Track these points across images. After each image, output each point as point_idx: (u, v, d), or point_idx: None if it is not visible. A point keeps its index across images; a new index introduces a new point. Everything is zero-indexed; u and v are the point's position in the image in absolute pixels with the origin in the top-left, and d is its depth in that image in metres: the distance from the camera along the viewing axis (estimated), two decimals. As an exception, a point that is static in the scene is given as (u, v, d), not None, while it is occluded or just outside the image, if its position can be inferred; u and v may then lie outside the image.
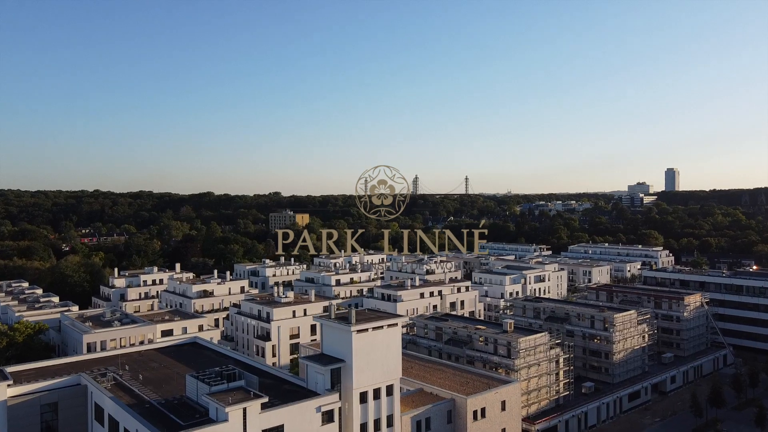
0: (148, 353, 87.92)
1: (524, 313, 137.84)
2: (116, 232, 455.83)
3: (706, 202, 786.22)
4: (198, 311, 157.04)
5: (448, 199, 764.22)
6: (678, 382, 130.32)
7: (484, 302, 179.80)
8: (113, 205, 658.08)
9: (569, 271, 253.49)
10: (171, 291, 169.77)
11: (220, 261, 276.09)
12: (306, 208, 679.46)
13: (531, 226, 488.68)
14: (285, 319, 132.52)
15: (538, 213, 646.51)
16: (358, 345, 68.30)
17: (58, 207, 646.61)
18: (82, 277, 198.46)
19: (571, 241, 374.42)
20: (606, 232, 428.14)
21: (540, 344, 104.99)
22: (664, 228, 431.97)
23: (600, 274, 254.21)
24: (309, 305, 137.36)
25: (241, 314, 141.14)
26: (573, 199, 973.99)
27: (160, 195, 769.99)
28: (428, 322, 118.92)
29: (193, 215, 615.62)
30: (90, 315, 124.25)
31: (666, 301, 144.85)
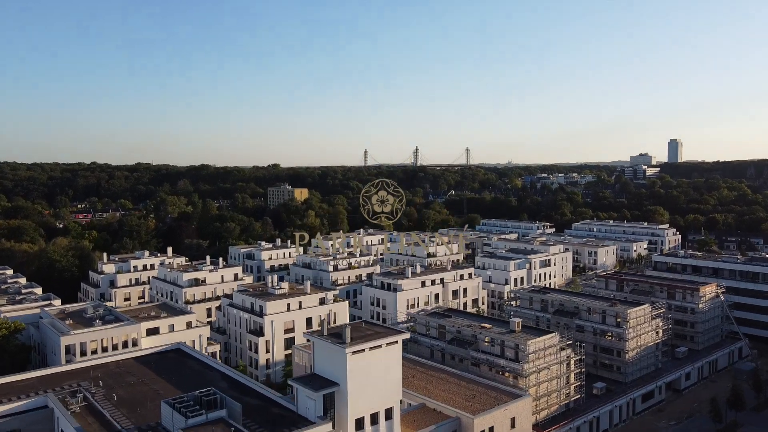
0: (126, 363, 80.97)
1: (531, 305, 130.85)
2: (111, 207, 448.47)
3: (710, 174, 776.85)
4: (189, 301, 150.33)
5: (449, 172, 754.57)
6: (693, 379, 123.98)
7: (488, 289, 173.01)
8: (110, 178, 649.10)
9: (574, 251, 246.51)
10: (161, 278, 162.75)
11: (215, 241, 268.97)
12: (305, 181, 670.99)
13: (533, 201, 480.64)
14: (279, 313, 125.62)
15: (540, 186, 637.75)
16: (353, 367, 61.16)
17: (54, 181, 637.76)
18: (70, 262, 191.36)
19: (574, 217, 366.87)
20: (610, 207, 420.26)
21: (550, 346, 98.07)
22: (669, 203, 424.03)
23: (606, 254, 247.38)
24: (304, 297, 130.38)
25: (233, 306, 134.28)
26: (575, 171, 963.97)
27: (158, 168, 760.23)
28: (430, 319, 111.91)
29: (191, 189, 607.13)
30: (72, 310, 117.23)
31: (680, 291, 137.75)
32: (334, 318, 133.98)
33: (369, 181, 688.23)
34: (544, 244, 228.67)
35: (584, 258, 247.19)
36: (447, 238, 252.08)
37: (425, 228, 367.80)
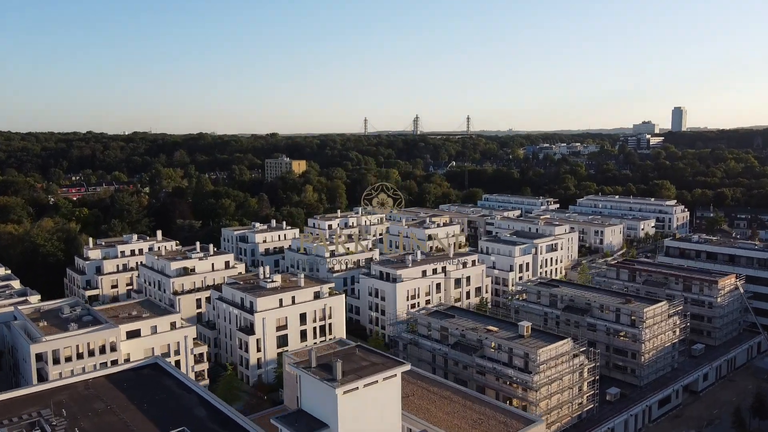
0: (97, 383, 73.14)
1: (539, 299, 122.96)
2: (105, 180, 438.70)
3: (715, 144, 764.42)
4: (177, 291, 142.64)
5: (450, 141, 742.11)
6: (710, 379, 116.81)
7: (492, 275, 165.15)
8: (105, 149, 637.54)
9: (580, 231, 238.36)
10: (149, 266, 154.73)
11: (209, 220, 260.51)
12: (303, 152, 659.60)
13: (536, 173, 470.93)
14: (270, 310, 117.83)
15: (543, 157, 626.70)
16: (345, 408, 53.26)
17: (48, 152, 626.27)
18: (55, 246, 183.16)
19: (578, 191, 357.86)
20: (615, 180, 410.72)
21: (562, 354, 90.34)
22: (675, 176, 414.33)
23: (612, 234, 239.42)
24: (298, 292, 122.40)
25: (222, 301, 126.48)
26: (577, 140, 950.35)
27: (154, 138, 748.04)
28: (432, 320, 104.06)
29: (187, 160, 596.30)
30: (48, 309, 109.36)
31: (697, 284, 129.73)
32: (330, 313, 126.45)
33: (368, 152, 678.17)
34: (549, 224, 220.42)
35: (590, 238, 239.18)
36: (448, 217, 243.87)
37: (425, 203, 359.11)
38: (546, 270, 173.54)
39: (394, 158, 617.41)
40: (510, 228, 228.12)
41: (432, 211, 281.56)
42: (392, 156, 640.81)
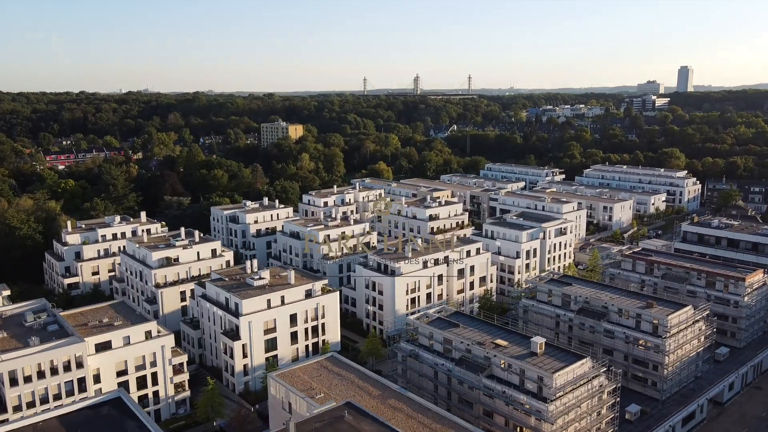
0: (48, 426, 63.36)
1: (550, 299, 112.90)
2: (96, 146, 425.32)
3: (722, 105, 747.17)
4: (160, 284, 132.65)
5: (450, 103, 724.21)
6: (736, 388, 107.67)
7: (497, 262, 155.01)
8: (97, 111, 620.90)
9: (588, 206, 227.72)
10: (130, 254, 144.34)
11: (199, 195, 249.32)
12: (301, 114, 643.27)
13: (539, 138, 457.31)
14: (257, 312, 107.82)
15: (546, 120, 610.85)
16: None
17: (38, 114, 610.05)
18: (33, 228, 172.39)
19: (584, 159, 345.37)
20: (621, 147, 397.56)
21: (580, 377, 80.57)
22: (684, 142, 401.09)
23: (622, 210, 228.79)
24: (287, 291, 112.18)
25: (206, 299, 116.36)
26: (580, 100, 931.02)
27: (147, 99, 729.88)
28: (434, 330, 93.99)
29: (181, 123, 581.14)
30: (9, 315, 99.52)
31: (721, 280, 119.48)
32: (323, 312, 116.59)
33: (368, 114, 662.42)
34: (557, 201, 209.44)
35: (598, 214, 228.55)
36: (449, 191, 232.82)
37: (426, 172, 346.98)
38: (554, 255, 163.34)
39: (394, 121, 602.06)
40: (515, 205, 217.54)
41: (432, 183, 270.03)
42: (392, 119, 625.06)
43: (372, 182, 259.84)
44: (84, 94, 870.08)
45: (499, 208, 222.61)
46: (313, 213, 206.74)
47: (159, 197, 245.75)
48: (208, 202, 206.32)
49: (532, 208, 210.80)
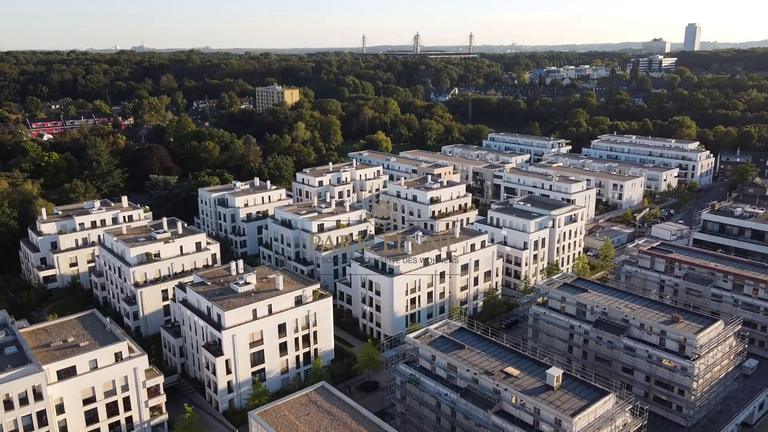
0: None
1: (563, 306, 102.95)
2: (85, 112, 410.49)
3: (730, 65, 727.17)
4: (139, 283, 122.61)
5: (451, 64, 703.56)
6: (766, 407, 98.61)
7: (503, 253, 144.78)
8: (87, 73, 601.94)
9: (597, 183, 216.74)
10: (108, 248, 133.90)
11: (187, 171, 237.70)
12: (298, 76, 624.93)
13: (543, 103, 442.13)
14: (242, 324, 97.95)
15: (550, 82, 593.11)
16: None
17: (27, 76, 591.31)
18: (7, 214, 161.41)
19: (591, 128, 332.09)
20: (629, 114, 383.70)
21: (603, 416, 71.06)
22: (693, 107, 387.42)
23: (633, 188, 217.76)
24: (275, 300, 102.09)
25: (187, 306, 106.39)
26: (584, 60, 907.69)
27: (140, 60, 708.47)
28: (437, 353, 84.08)
29: (174, 85, 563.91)
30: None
31: (750, 284, 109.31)
32: (314, 320, 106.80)
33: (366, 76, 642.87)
34: (564, 180, 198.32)
35: (608, 191, 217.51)
36: (451, 167, 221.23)
37: (426, 142, 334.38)
38: (564, 244, 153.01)
39: (394, 83, 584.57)
40: (520, 183, 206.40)
41: (434, 156, 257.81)
42: (391, 80, 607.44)
43: (370, 155, 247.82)
44: (75, 53, 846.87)
45: (504, 186, 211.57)
46: (307, 193, 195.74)
47: (146, 172, 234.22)
48: (196, 182, 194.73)
49: (538, 186, 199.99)
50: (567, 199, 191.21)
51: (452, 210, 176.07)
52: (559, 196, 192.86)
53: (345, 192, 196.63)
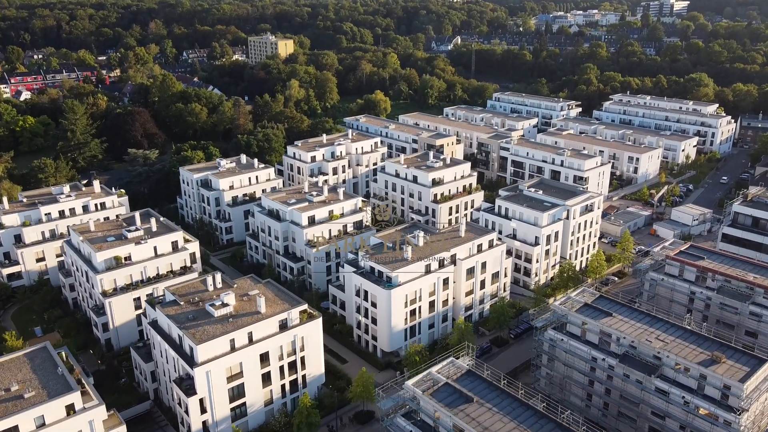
0: None
1: (584, 332, 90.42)
2: (68, 64, 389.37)
3: (745, 9, 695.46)
4: (107, 292, 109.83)
5: (454, 9, 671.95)
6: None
7: (512, 248, 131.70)
8: (71, 19, 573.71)
9: (611, 156, 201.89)
10: (75, 248, 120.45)
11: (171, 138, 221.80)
12: (292, 22, 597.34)
13: (550, 54, 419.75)
14: (218, 358, 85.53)
15: (557, 30, 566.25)
16: None
17: (8, 23, 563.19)
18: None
19: (601, 85, 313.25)
20: (641, 67, 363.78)
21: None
22: (709, 60, 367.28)
23: (650, 160, 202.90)
24: (255, 327, 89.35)
25: (156, 329, 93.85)
26: (592, 3, 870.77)
27: (127, 5, 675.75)
28: (441, 409, 71.66)
29: (163, 32, 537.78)
30: None
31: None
32: (302, 345, 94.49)
33: (364, 23, 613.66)
34: (576, 155, 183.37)
35: (623, 165, 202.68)
36: (453, 139, 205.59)
37: (427, 101, 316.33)
38: (578, 236, 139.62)
39: (393, 31, 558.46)
40: (529, 156, 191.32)
41: (435, 120, 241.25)
42: (390, 27, 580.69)
43: (367, 122, 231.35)
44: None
45: (512, 159, 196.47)
46: (299, 169, 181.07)
47: (128, 139, 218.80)
48: (178, 157, 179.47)
49: (549, 162, 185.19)
50: (580, 176, 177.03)
51: (456, 192, 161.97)
52: (571, 173, 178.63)
53: (340, 168, 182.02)
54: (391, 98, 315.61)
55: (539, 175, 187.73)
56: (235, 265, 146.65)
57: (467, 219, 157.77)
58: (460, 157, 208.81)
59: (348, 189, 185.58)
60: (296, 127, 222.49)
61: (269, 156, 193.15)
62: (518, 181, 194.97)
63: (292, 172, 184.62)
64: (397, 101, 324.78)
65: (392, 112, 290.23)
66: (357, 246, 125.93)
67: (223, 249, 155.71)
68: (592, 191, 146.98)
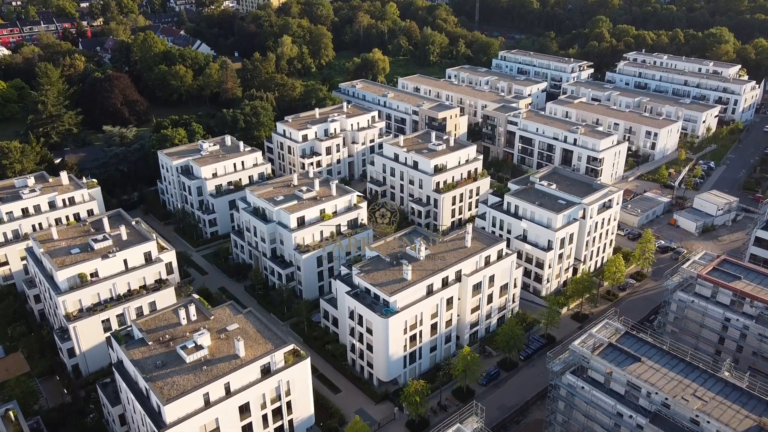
0: None
1: (607, 383, 79.18)
2: (46, 15, 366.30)
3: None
4: (72, 316, 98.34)
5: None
6: None
7: (523, 253, 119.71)
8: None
9: (627, 130, 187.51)
10: (37, 259, 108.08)
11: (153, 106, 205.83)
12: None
13: (559, 2, 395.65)
14: (190, 417, 74.53)
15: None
16: None
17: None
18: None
19: (614, 40, 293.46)
20: (656, 20, 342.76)
21: None
22: (729, 11, 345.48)
23: (669, 135, 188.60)
24: (234, 375, 77.94)
25: (121, 374, 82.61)
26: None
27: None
28: None
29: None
30: None
31: None
32: (287, 389, 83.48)
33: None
34: (591, 133, 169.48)
35: (639, 139, 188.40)
36: (457, 111, 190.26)
37: (428, 58, 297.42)
38: (594, 236, 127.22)
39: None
40: (539, 133, 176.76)
41: (437, 85, 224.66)
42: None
43: (364, 88, 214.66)
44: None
45: (520, 135, 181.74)
46: (289, 149, 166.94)
47: (107, 108, 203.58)
48: (157, 136, 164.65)
49: (560, 140, 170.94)
50: (594, 157, 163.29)
51: (460, 178, 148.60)
52: (584, 153, 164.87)
53: (334, 147, 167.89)
54: (389, 54, 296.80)
55: (549, 152, 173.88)
56: (219, 264, 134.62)
57: (473, 212, 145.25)
58: (464, 129, 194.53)
59: (343, 170, 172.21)
60: (287, 95, 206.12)
61: (258, 131, 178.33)
62: (526, 158, 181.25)
63: (282, 151, 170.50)
64: (396, 57, 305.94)
65: (391, 71, 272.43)
66: (352, 254, 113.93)
67: (207, 243, 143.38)
68: (611, 186, 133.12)
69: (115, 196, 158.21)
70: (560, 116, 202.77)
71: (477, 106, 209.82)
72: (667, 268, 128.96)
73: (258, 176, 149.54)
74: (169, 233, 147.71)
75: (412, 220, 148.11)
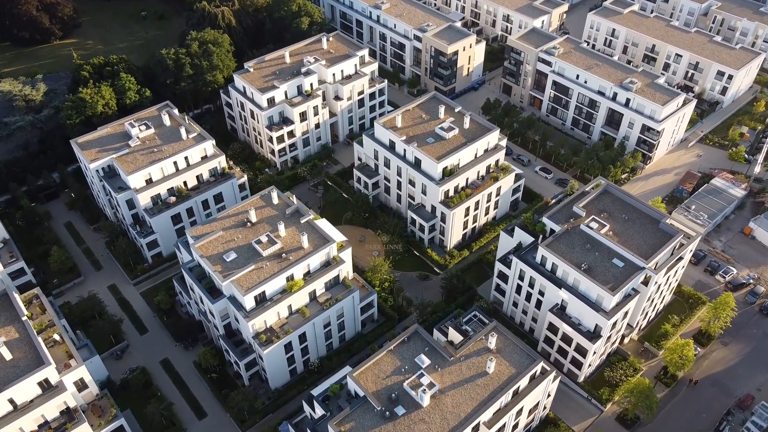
0: None
1: None
2: None
3: None
4: None
5: None
6: None
7: (560, 331, 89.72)
8: None
9: (693, 65, 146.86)
10: None
11: (82, 12, 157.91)
12: None
13: None
14: None
15: None
16: None
17: None
18: None
19: None
20: None
21: None
22: None
23: (746, 76, 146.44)
24: None
25: None
26: None
27: None
28: None
29: None
30: None
31: None
32: None
33: None
34: (649, 91, 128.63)
35: (707, 80, 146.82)
36: (472, 39, 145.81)
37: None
38: (654, 299, 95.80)
39: None
40: (579, 81, 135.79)
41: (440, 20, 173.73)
42: None
43: None
44: None
45: (553, 81, 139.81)
46: (252, 114, 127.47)
47: (17, 16, 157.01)
48: (72, 102, 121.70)
49: (608, 96, 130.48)
50: (651, 127, 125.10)
51: (476, 179, 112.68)
52: (638, 120, 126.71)
53: (311, 110, 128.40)
54: None
55: (591, 110, 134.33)
56: (162, 314, 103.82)
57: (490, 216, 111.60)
58: (481, 59, 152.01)
59: (324, 135, 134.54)
60: (251, 4, 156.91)
61: (210, 76, 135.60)
62: (559, 110, 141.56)
63: (243, 112, 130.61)
64: None
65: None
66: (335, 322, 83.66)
67: (149, 271, 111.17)
68: (685, 229, 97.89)
69: (28, 183, 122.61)
70: (604, 32, 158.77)
71: (497, 16, 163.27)
72: (743, 322, 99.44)
73: (209, 174, 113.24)
74: (99, 247, 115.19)
75: (411, 231, 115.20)
